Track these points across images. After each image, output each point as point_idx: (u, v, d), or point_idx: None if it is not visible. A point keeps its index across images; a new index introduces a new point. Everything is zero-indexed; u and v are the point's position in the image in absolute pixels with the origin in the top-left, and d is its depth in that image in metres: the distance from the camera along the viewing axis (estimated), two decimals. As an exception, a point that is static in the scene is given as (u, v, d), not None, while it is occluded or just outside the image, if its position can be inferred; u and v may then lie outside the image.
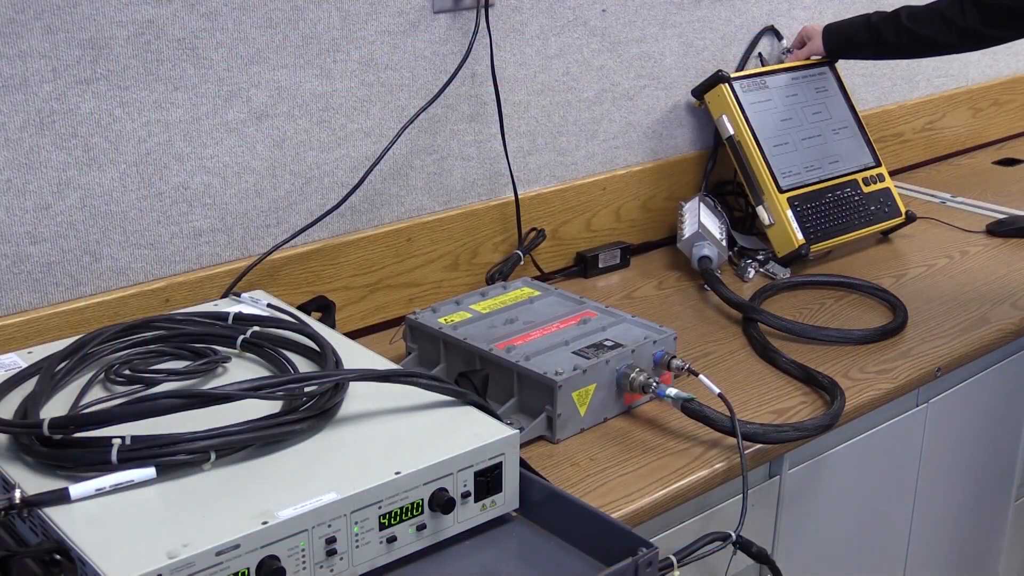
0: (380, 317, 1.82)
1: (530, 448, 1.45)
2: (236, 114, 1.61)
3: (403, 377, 1.25)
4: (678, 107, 2.17)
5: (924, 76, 2.66)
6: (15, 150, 1.44)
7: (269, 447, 1.14)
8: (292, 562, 1.03)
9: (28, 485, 1.07)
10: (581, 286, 1.99)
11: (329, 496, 1.06)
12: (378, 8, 1.71)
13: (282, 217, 1.70)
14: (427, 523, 1.14)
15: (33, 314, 1.49)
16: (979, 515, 2.02)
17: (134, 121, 1.52)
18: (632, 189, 2.12)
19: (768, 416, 1.54)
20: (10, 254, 1.47)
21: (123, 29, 1.48)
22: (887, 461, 1.75)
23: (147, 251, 1.58)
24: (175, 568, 0.96)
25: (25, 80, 1.42)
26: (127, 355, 1.32)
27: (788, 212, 2.03)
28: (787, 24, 2.30)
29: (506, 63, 1.88)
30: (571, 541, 1.19)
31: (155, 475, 1.08)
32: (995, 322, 1.83)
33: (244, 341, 1.36)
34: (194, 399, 1.12)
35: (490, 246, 1.93)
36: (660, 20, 2.08)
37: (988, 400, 1.90)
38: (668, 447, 1.46)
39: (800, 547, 1.63)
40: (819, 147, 2.15)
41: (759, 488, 1.53)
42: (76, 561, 0.99)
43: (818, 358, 1.69)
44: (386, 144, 1.74)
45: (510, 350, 1.51)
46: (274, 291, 1.65)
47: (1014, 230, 2.21)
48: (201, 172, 1.60)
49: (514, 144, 1.93)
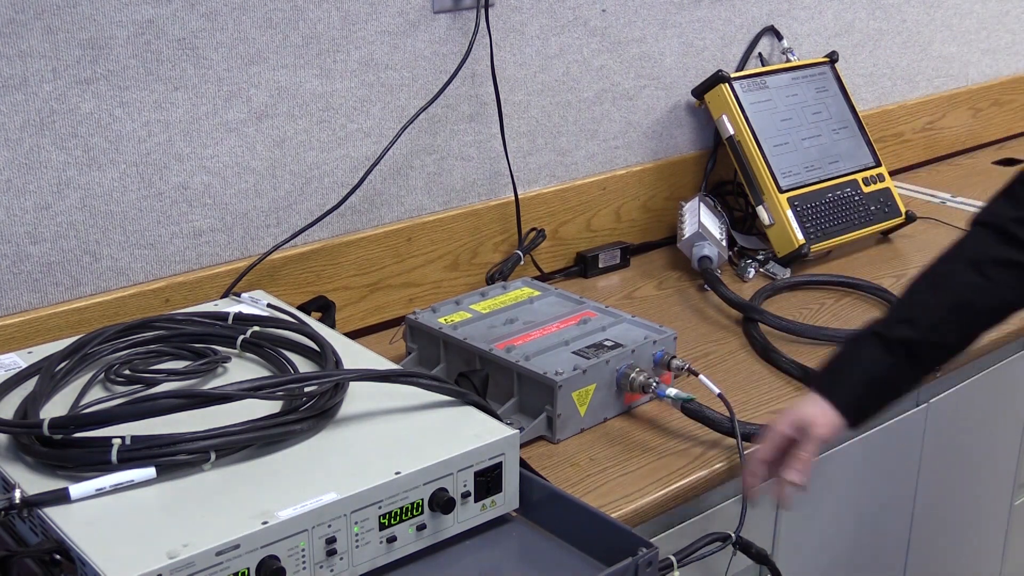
0: (380, 317, 1.82)
1: (530, 448, 1.45)
2: (236, 114, 1.61)
3: (403, 377, 1.25)
4: (678, 107, 2.17)
5: (924, 76, 2.66)
6: (15, 150, 1.44)
7: (269, 447, 1.14)
8: (292, 562, 1.03)
9: (28, 485, 1.07)
10: (581, 286, 1.99)
11: (329, 496, 1.06)
12: (378, 8, 1.71)
13: (282, 217, 1.70)
14: (427, 523, 1.14)
15: (33, 314, 1.49)
16: (979, 515, 2.02)
17: (134, 121, 1.52)
18: (632, 189, 2.12)
19: (768, 416, 1.54)
20: (10, 254, 1.47)
21: (123, 29, 1.48)
22: (887, 461, 1.75)
23: (147, 251, 1.58)
24: (175, 568, 0.96)
25: (25, 80, 1.42)
26: (127, 355, 1.32)
27: (788, 212, 2.03)
28: (787, 24, 2.30)
29: (506, 63, 1.88)
30: (571, 541, 1.19)
31: (155, 475, 1.08)
32: (995, 322, 1.83)
33: (244, 341, 1.36)
34: (194, 399, 1.12)
35: (490, 246, 1.93)
36: (660, 20, 2.08)
37: (988, 400, 1.90)
38: (668, 447, 1.46)
39: (800, 547, 1.63)
40: (819, 147, 2.15)
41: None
42: (76, 561, 0.99)
43: (818, 358, 1.68)
44: (386, 144, 1.74)
45: (510, 350, 1.51)
46: (274, 291, 1.65)
47: (1014, 230, 2.20)
48: (201, 172, 1.60)
49: (514, 144, 1.93)
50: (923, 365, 1.34)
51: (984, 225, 1.34)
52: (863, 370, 1.32)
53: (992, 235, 1.32)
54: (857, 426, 1.36)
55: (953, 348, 1.34)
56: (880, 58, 2.53)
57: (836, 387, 1.34)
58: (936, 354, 1.34)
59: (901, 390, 1.36)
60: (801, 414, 1.33)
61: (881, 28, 2.51)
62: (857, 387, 1.33)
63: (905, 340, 1.30)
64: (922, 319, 1.31)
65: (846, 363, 1.35)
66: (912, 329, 1.31)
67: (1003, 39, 2.82)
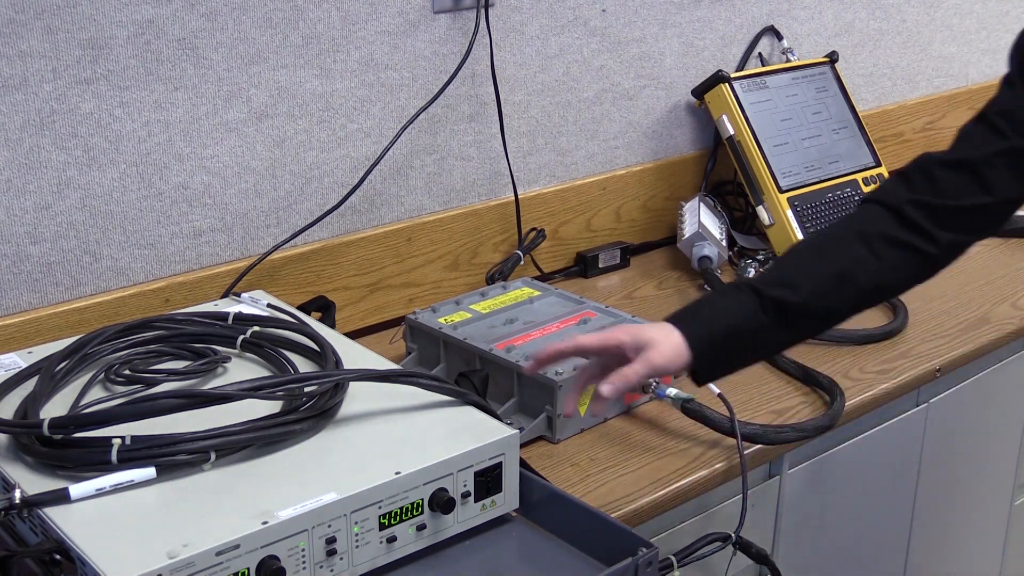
0: (380, 317, 1.82)
1: (530, 448, 1.45)
2: (236, 114, 1.61)
3: (403, 377, 1.25)
4: (678, 107, 2.17)
5: (924, 76, 2.66)
6: (15, 150, 1.44)
7: (269, 447, 1.14)
8: (292, 562, 1.03)
9: (28, 485, 1.07)
10: (581, 286, 1.99)
11: (329, 496, 1.06)
12: (378, 8, 1.71)
13: (282, 217, 1.70)
14: (427, 523, 1.14)
15: (33, 314, 1.49)
16: (979, 515, 2.02)
17: (134, 121, 1.52)
18: (632, 189, 2.12)
19: (768, 416, 1.54)
20: (10, 254, 1.47)
21: (123, 29, 1.48)
22: (887, 461, 1.75)
23: (147, 251, 1.58)
24: (175, 568, 0.96)
25: (25, 80, 1.42)
26: (127, 355, 1.32)
27: (788, 212, 2.03)
28: (787, 24, 2.30)
29: (506, 63, 1.88)
30: (571, 541, 1.19)
31: (155, 475, 1.08)
32: (995, 322, 1.83)
33: (244, 341, 1.36)
34: (194, 399, 1.12)
35: (490, 246, 1.93)
36: (660, 20, 2.08)
37: (988, 400, 1.90)
38: (668, 447, 1.46)
39: (800, 547, 1.63)
40: (819, 147, 2.15)
41: (759, 488, 1.53)
42: (76, 561, 0.99)
43: (818, 358, 1.69)
44: (386, 144, 1.74)
45: (510, 350, 1.51)
46: (274, 291, 1.65)
47: (1014, 230, 2.20)
48: (201, 172, 1.60)
49: (514, 144, 1.93)
50: (791, 331, 1.28)
51: (879, 203, 1.31)
52: (729, 315, 1.26)
53: (887, 214, 1.29)
54: (701, 375, 1.28)
55: (825, 319, 1.30)
56: (880, 58, 2.53)
57: (694, 323, 1.26)
58: (807, 323, 1.29)
59: (759, 351, 1.31)
60: (646, 333, 1.25)
61: (881, 28, 2.51)
62: (717, 329, 1.25)
63: (780, 301, 1.25)
64: (803, 284, 1.26)
65: (712, 306, 1.29)
66: (790, 291, 1.25)
67: (1003, 39, 2.82)
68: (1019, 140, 1.27)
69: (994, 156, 1.27)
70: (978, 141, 1.29)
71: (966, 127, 1.33)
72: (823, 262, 1.29)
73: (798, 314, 1.26)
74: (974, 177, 1.28)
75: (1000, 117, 1.29)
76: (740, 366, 1.32)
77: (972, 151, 1.29)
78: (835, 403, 1.53)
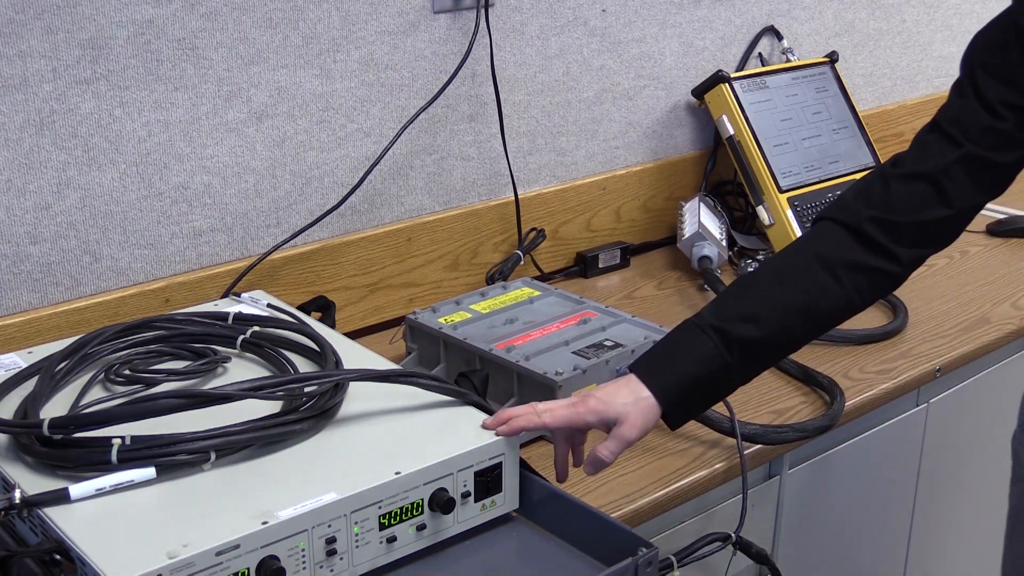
0: (380, 317, 1.82)
1: (530, 448, 1.45)
2: (236, 114, 1.61)
3: (403, 377, 1.25)
4: (678, 107, 2.17)
5: (924, 76, 2.66)
6: (15, 150, 1.44)
7: (269, 447, 1.14)
8: (292, 562, 1.03)
9: (28, 485, 1.07)
10: (581, 286, 1.99)
11: (329, 496, 1.06)
12: (378, 8, 1.71)
13: (282, 217, 1.70)
14: (427, 523, 1.14)
15: (33, 314, 1.49)
16: (979, 515, 2.02)
17: (134, 121, 1.52)
18: (632, 189, 2.12)
19: (768, 416, 1.54)
20: (10, 254, 1.47)
21: (123, 29, 1.48)
22: (887, 461, 1.75)
23: (147, 251, 1.58)
24: (175, 568, 0.96)
25: (25, 80, 1.42)
26: (127, 355, 1.32)
27: (788, 212, 2.03)
28: (787, 24, 2.30)
29: (506, 63, 1.88)
30: (571, 541, 1.19)
31: (155, 475, 1.08)
32: (995, 322, 1.83)
33: (244, 341, 1.36)
34: (194, 399, 1.12)
35: (490, 246, 1.93)
36: (660, 20, 2.08)
37: (988, 400, 1.90)
38: (668, 447, 1.46)
39: (800, 547, 1.63)
40: (819, 147, 2.15)
41: (759, 488, 1.53)
42: (76, 561, 0.99)
43: (818, 358, 1.69)
44: (386, 144, 1.74)
45: (510, 350, 1.51)
46: (274, 291, 1.65)
47: (1014, 230, 2.21)
48: (201, 172, 1.60)
49: (514, 144, 1.93)
50: (757, 365, 1.27)
51: (836, 222, 1.28)
52: (694, 362, 1.23)
53: (846, 234, 1.27)
54: (674, 422, 1.26)
55: (789, 350, 1.30)
56: (880, 58, 2.53)
57: (661, 374, 1.23)
58: (772, 354, 1.28)
59: (729, 387, 1.28)
60: (613, 408, 1.21)
61: (881, 28, 2.51)
62: (684, 377, 1.23)
63: (744, 340, 1.22)
64: (769, 318, 1.24)
65: (677, 352, 1.25)
66: (753, 326, 1.23)
67: (1003, 39, 2.82)
68: (972, 147, 1.25)
69: (952, 165, 1.26)
70: (934, 151, 1.28)
71: (922, 136, 1.31)
72: (785, 291, 1.26)
73: (762, 348, 1.25)
74: (933, 189, 1.26)
75: (951, 125, 1.28)
76: (711, 405, 1.32)
77: (929, 162, 1.27)
78: (835, 403, 1.53)
